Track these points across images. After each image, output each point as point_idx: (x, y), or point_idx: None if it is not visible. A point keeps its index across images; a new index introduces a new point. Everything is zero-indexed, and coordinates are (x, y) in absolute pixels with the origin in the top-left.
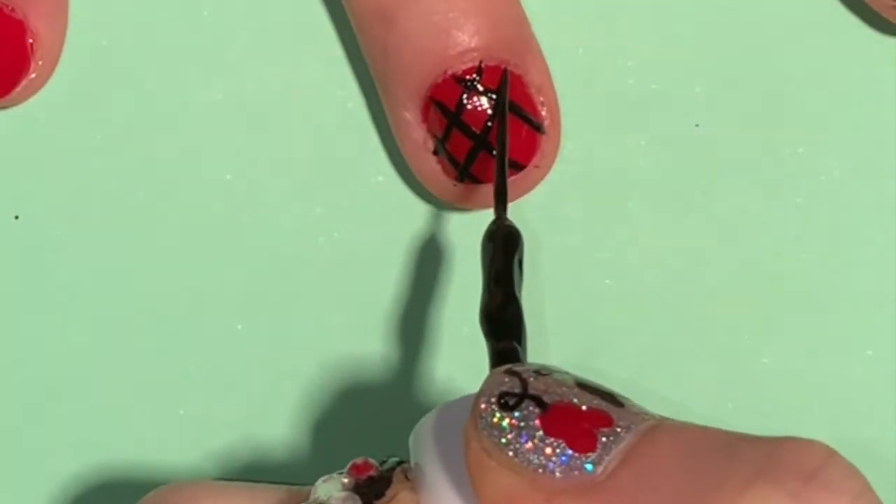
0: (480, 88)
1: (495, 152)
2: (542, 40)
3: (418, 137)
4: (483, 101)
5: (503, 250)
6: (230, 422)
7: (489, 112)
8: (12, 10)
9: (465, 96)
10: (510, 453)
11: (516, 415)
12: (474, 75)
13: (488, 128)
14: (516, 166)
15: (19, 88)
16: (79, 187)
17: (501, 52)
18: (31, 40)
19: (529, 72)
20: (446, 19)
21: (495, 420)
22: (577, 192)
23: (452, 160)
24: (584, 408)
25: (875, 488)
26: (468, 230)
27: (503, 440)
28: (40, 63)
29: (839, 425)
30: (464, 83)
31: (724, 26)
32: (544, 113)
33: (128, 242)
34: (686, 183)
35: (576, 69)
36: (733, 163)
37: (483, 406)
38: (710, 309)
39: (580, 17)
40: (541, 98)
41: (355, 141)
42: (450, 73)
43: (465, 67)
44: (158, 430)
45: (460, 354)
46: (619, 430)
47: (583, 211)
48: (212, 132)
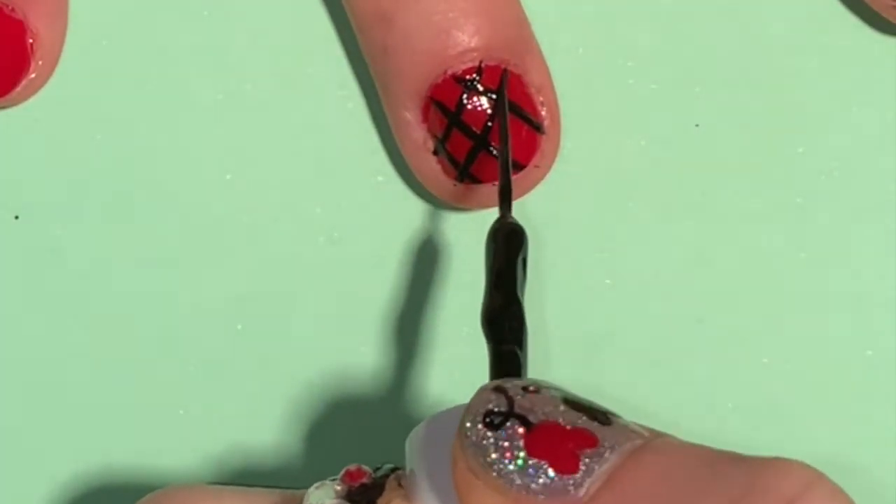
0: (480, 88)
1: (498, 151)
2: (542, 40)
3: (418, 137)
4: (483, 101)
5: (506, 249)
6: (230, 422)
7: (489, 112)
8: (12, 10)
9: (465, 96)
10: (494, 473)
11: (501, 434)
12: (474, 75)
13: (488, 128)
14: (516, 166)
15: (19, 88)
16: (79, 187)
17: (501, 52)
18: (31, 40)
19: (529, 72)
20: (446, 19)
21: (480, 439)
22: (577, 192)
23: (452, 160)
24: (569, 427)
25: (875, 488)
26: (468, 230)
27: (488, 460)
28: (40, 63)
29: (839, 425)
30: (464, 83)
31: (724, 26)
32: (544, 113)
33: (128, 242)
34: (686, 183)
35: (576, 69)
36: (733, 163)
37: (469, 424)
38: (710, 309)
39: (580, 17)
40: (541, 98)
41: (355, 141)
42: (450, 73)
43: (465, 67)
44: (158, 430)
45: (460, 355)
46: (603, 450)
47: (583, 211)
48: (212, 132)
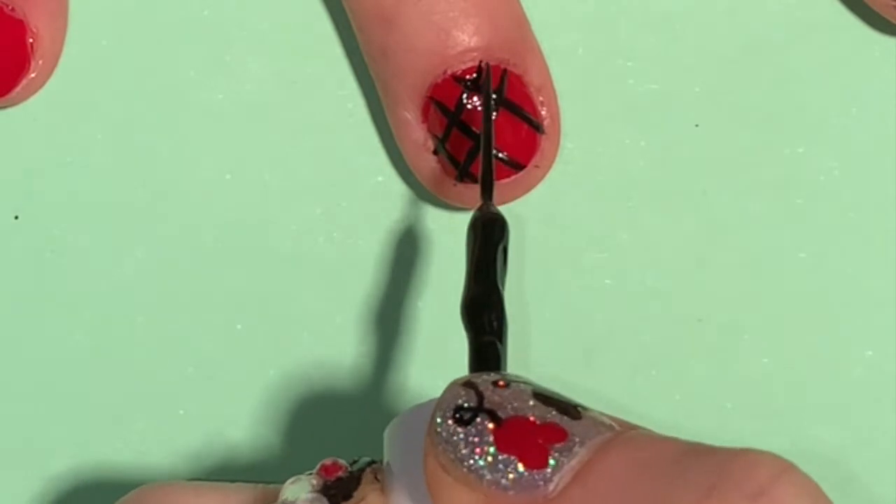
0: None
1: (481, 140)
2: (542, 40)
3: (418, 137)
4: (490, 99)
5: (485, 238)
6: (230, 421)
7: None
8: (12, 9)
9: (465, 96)
10: (464, 469)
11: (470, 430)
12: (474, 75)
13: None
14: (516, 166)
15: (19, 88)
16: (79, 187)
17: (501, 52)
18: (31, 40)
19: (529, 72)
20: (446, 19)
21: (450, 435)
22: (577, 192)
23: (452, 160)
24: (538, 422)
25: (875, 488)
26: None
27: (458, 455)
28: (40, 63)
29: (839, 425)
30: (464, 83)
31: (725, 26)
32: (544, 113)
33: (128, 242)
34: (686, 183)
35: (576, 69)
36: (733, 163)
37: (439, 420)
38: (710, 309)
39: (580, 17)
40: (541, 98)
41: (355, 141)
42: (450, 72)
43: (465, 67)
44: (158, 430)
45: (459, 353)
46: (572, 445)
47: (583, 211)
48: (212, 132)
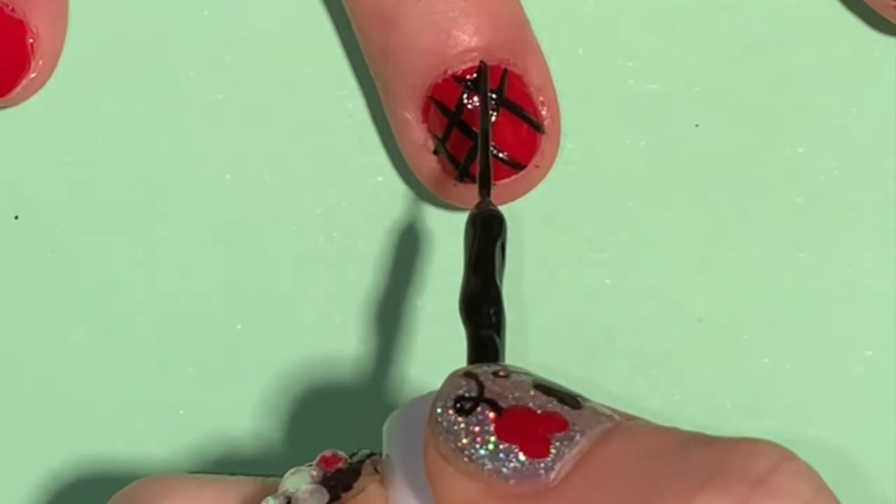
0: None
1: (479, 137)
2: (542, 40)
3: (418, 137)
4: (488, 98)
5: (484, 235)
6: (229, 421)
7: (490, 112)
8: (12, 10)
9: (465, 96)
10: (465, 459)
11: (471, 419)
12: (474, 75)
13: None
14: (516, 166)
15: (19, 88)
16: (79, 187)
17: (501, 52)
18: (31, 40)
19: (529, 71)
20: (446, 19)
21: (451, 425)
22: (577, 192)
23: (452, 160)
24: (539, 411)
25: (875, 487)
26: None
27: (458, 445)
28: (40, 63)
29: (839, 425)
30: (464, 83)
31: (725, 26)
32: (544, 113)
33: (128, 242)
34: (686, 183)
35: (576, 69)
36: (733, 163)
37: (439, 410)
38: (710, 309)
39: (580, 17)
40: (541, 98)
41: (355, 141)
42: (450, 72)
43: (465, 67)
44: (158, 429)
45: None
46: (573, 434)
47: (583, 211)
48: (212, 132)
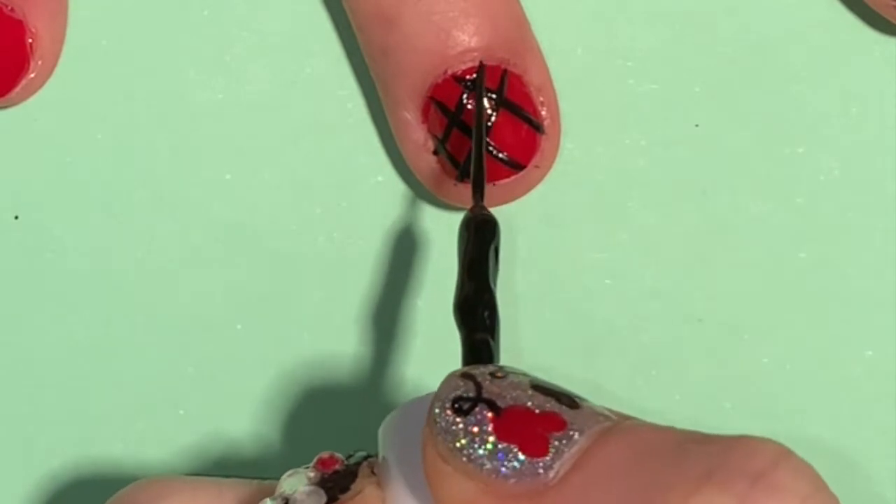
0: None
1: (472, 142)
2: (542, 40)
3: (418, 137)
4: (483, 101)
5: (478, 239)
6: (229, 421)
7: (490, 112)
8: (12, 10)
9: (465, 96)
10: (464, 458)
11: (470, 419)
12: (475, 75)
13: (489, 127)
14: (516, 166)
15: (19, 88)
16: (79, 187)
17: (501, 52)
18: (30, 40)
19: (529, 71)
20: (446, 19)
21: (449, 425)
22: (577, 192)
23: (452, 160)
24: (537, 411)
25: (875, 487)
26: None
27: (457, 445)
28: (40, 63)
29: (839, 425)
30: (464, 83)
31: (724, 26)
32: (544, 113)
33: (128, 242)
34: (686, 183)
35: (576, 69)
36: (733, 163)
37: (437, 410)
38: (710, 309)
39: (580, 17)
40: (541, 98)
41: (355, 141)
42: (450, 72)
43: (465, 67)
44: (157, 429)
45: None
46: (572, 433)
47: (583, 211)
48: (212, 132)
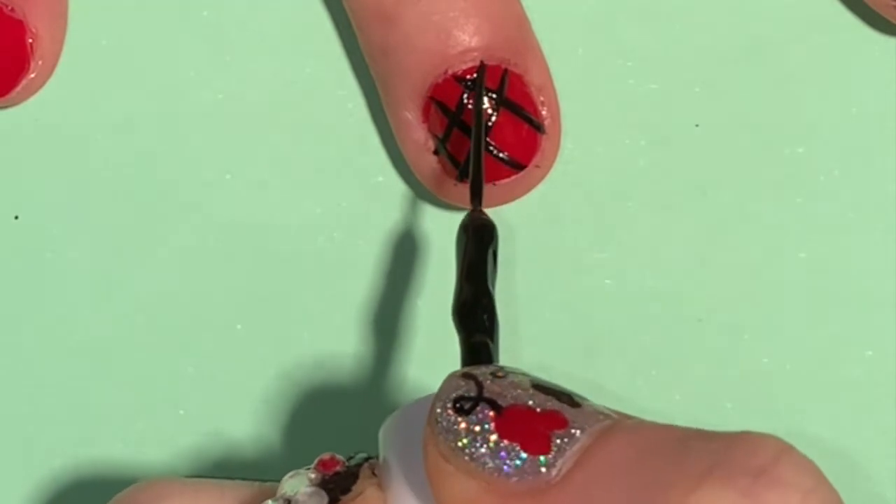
0: None
1: (471, 146)
2: (542, 40)
3: (419, 137)
4: (484, 101)
5: (476, 243)
6: (229, 421)
7: (490, 112)
8: (12, 10)
9: (465, 96)
10: (466, 458)
11: (471, 419)
12: (475, 75)
13: (489, 127)
14: (517, 166)
15: (19, 88)
16: (79, 187)
17: (502, 52)
18: (31, 40)
19: (529, 71)
20: (446, 19)
21: (451, 424)
22: (577, 192)
23: (453, 160)
24: (538, 410)
25: (875, 487)
26: None
27: (459, 444)
28: (40, 63)
29: (839, 425)
30: (464, 83)
31: (724, 26)
32: (545, 113)
33: (127, 242)
34: (686, 183)
35: (576, 69)
36: (733, 163)
37: (439, 410)
38: (710, 309)
39: (580, 17)
40: (541, 98)
41: (355, 141)
42: (450, 72)
43: (465, 67)
44: (157, 430)
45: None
46: (573, 431)
47: (583, 211)
48: (212, 132)
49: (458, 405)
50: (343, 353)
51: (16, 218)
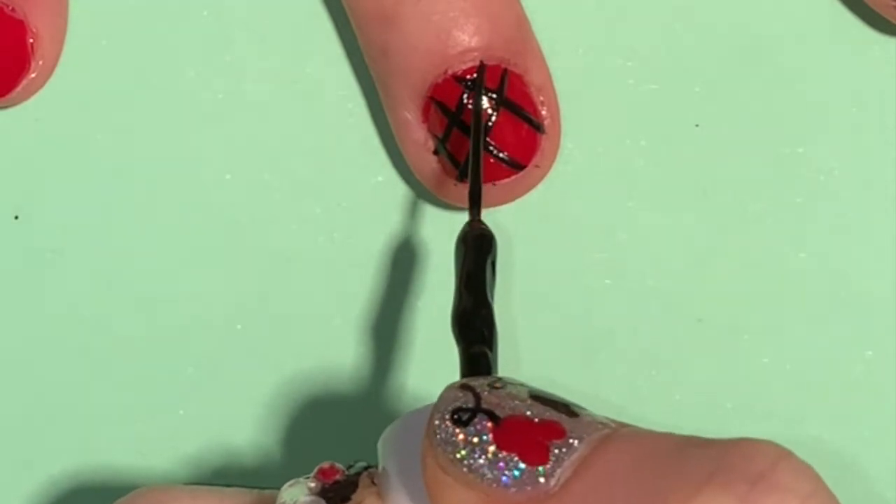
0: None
1: (470, 155)
2: (542, 40)
3: (419, 137)
4: (484, 101)
5: (475, 253)
6: (229, 422)
7: (490, 112)
8: (12, 10)
9: (465, 96)
10: (465, 469)
11: (470, 430)
12: (475, 75)
13: (489, 127)
14: (516, 166)
15: (19, 88)
16: (79, 187)
17: (502, 52)
18: (31, 40)
19: (529, 71)
20: (446, 19)
21: (449, 436)
22: (577, 192)
23: (453, 160)
24: (536, 420)
25: (875, 488)
26: None
27: (457, 456)
28: (40, 63)
29: (839, 425)
30: (464, 83)
31: (724, 26)
32: (545, 113)
33: (127, 242)
34: (686, 183)
35: (576, 69)
36: (733, 163)
37: (437, 422)
38: (710, 309)
39: (580, 17)
40: (541, 98)
41: (355, 141)
42: (450, 72)
43: (465, 67)
44: (157, 430)
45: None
46: (571, 441)
47: (583, 211)
48: (212, 132)
49: (456, 416)
50: (342, 352)
51: (16, 218)
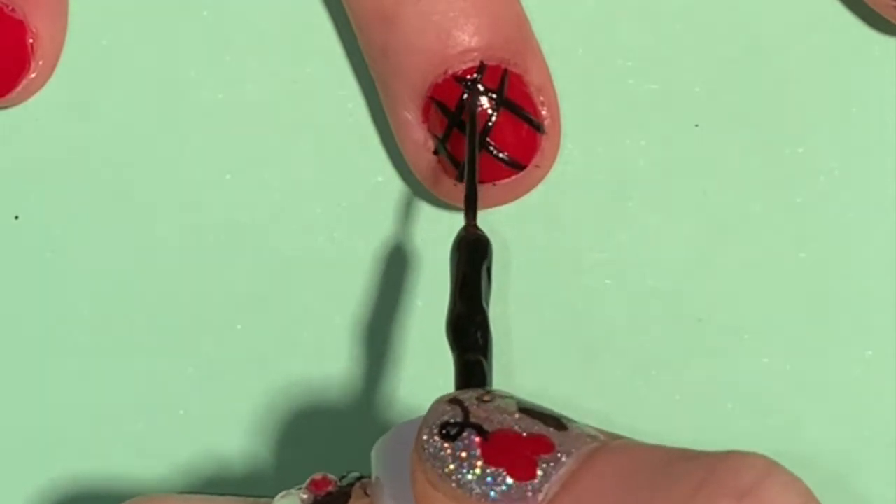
0: (481, 88)
1: (466, 159)
2: (542, 40)
3: (419, 137)
4: (484, 101)
5: (470, 258)
6: (230, 423)
7: (490, 112)
8: (12, 10)
9: (465, 96)
10: (453, 484)
11: (457, 445)
12: (475, 75)
13: (489, 127)
14: (517, 166)
15: (19, 88)
16: (79, 187)
17: (502, 52)
18: (31, 40)
19: (529, 71)
20: (446, 19)
21: (437, 451)
22: (577, 192)
23: (453, 160)
24: (525, 434)
25: (874, 488)
26: None
27: (446, 471)
28: (40, 63)
29: (839, 425)
30: (464, 83)
31: (724, 26)
32: (545, 113)
33: (128, 242)
34: (686, 183)
35: (576, 69)
36: (733, 163)
37: (425, 437)
38: (710, 309)
39: (580, 17)
40: (541, 98)
41: (355, 141)
42: (450, 72)
43: (465, 67)
44: (157, 430)
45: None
46: (560, 455)
47: (583, 211)
48: (212, 132)
49: (444, 431)
50: (342, 352)
51: (16, 218)
